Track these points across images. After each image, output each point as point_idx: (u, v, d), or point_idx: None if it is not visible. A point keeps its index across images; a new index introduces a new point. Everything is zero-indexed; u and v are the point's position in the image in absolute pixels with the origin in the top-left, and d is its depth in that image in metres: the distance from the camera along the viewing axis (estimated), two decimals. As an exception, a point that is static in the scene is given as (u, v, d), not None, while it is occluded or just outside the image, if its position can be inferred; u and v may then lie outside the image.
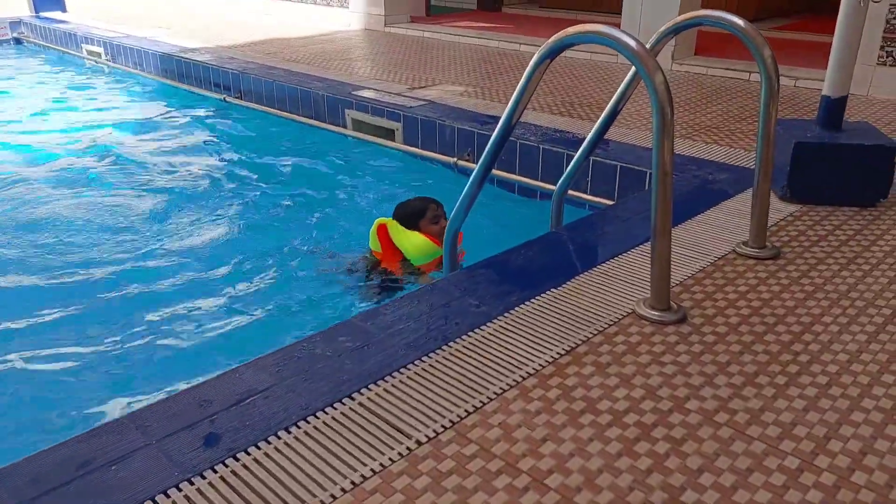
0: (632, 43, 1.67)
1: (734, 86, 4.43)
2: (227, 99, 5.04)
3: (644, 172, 3.02)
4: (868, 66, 4.07)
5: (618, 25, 4.98)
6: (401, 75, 4.91)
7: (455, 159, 3.71)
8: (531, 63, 1.91)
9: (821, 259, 2.12)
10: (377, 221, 2.81)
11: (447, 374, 1.57)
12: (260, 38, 6.45)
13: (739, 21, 2.00)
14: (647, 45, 2.19)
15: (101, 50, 6.43)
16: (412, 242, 2.80)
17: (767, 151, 2.05)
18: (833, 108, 2.53)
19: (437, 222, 2.86)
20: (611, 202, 3.08)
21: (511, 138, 3.38)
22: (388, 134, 4.09)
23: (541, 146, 3.37)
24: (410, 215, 2.85)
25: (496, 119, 3.64)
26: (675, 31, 2.13)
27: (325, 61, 5.39)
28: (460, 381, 1.55)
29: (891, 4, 3.91)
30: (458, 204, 2.25)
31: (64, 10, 7.86)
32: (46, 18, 7.58)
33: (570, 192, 3.21)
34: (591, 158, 3.10)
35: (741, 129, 3.53)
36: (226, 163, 4.25)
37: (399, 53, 5.79)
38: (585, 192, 3.25)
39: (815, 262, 2.10)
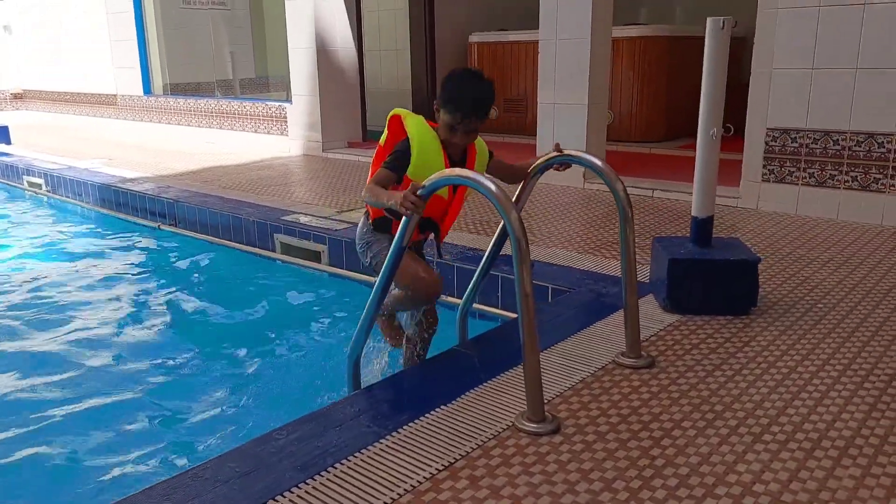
0: (492, 187, 1.89)
1: (638, 202, 4.78)
2: (162, 227, 5.20)
3: (546, 287, 3.23)
4: (755, 182, 4.47)
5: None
6: (332, 199, 5.16)
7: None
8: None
9: (690, 367, 2.30)
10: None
11: (329, 497, 1.66)
12: (199, 167, 6.70)
13: (596, 160, 2.28)
14: (518, 189, 2.47)
15: (41, 181, 6.59)
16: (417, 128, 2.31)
17: (630, 269, 2.27)
18: (702, 227, 2.80)
19: (465, 131, 2.28)
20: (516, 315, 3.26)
21: (427, 257, 3.59)
22: (315, 256, 4.27)
23: (455, 265, 3.58)
24: (445, 89, 2.30)
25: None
26: (541, 171, 2.39)
27: (260, 187, 5.63)
28: (340, 503, 1.64)
29: (768, 129, 4.36)
30: (358, 326, 2.40)
31: (9, 142, 8.06)
32: (-11, 151, 7.76)
33: (483, 306, 3.42)
34: (500, 275, 3.31)
35: (638, 244, 3.82)
36: (158, 290, 4.34)
37: (333, 178, 6.08)
38: (496, 307, 3.43)
39: (684, 370, 2.28)
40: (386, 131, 2.41)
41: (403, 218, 2.11)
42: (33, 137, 8.82)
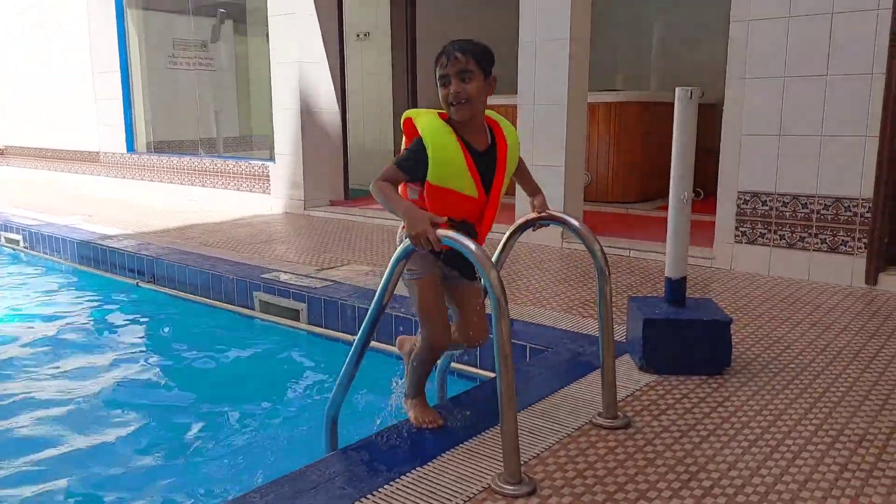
0: (472, 246, 1.93)
1: (615, 262, 4.85)
2: (140, 284, 5.18)
3: (524, 346, 3.25)
4: (728, 243, 4.58)
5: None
6: (312, 257, 5.19)
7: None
8: (392, 259, 2.17)
9: (665, 427, 2.32)
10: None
11: (301, 559, 1.64)
12: (181, 224, 6.72)
13: (574, 221, 2.34)
14: (498, 249, 2.53)
15: (19, 237, 6.55)
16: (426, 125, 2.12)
17: (607, 330, 2.31)
18: (676, 288, 2.86)
19: (444, 84, 2.10)
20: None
21: (406, 316, 3.60)
22: (294, 314, 4.27)
23: (433, 324, 3.60)
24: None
25: (401, 298, 3.89)
26: (521, 230, 2.46)
27: (240, 245, 5.65)
28: (312, 566, 1.61)
29: (739, 192, 4.49)
30: (337, 382, 2.40)
31: (-12, 198, 8.03)
32: (-32, 207, 7.72)
33: (461, 365, 3.42)
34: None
35: (615, 303, 3.87)
36: (135, 348, 4.31)
37: (314, 236, 6.12)
38: (475, 367, 3.44)
39: (660, 430, 2.29)
40: (403, 137, 2.23)
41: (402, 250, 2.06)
42: (13, 193, 8.80)
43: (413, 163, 2.09)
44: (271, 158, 7.70)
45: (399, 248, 2.15)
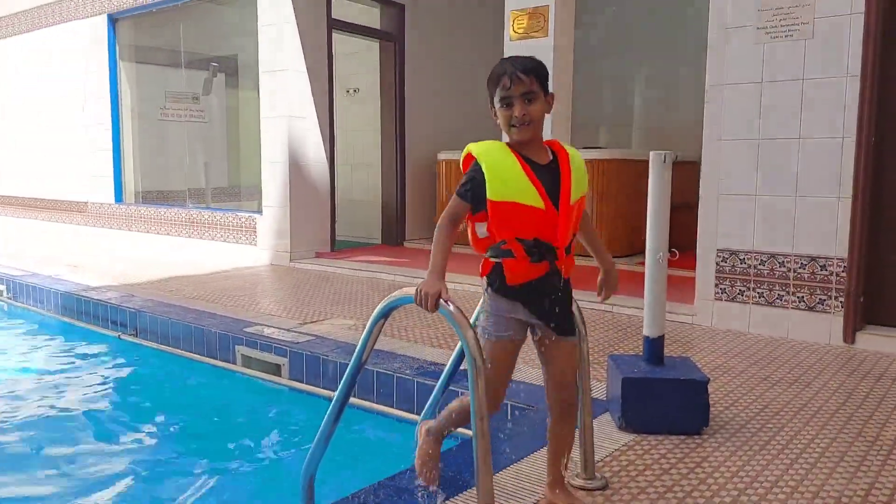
0: (450, 308, 1.96)
1: (598, 317, 4.89)
2: (122, 336, 5.15)
3: (505, 404, 3.25)
4: (708, 300, 4.63)
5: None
6: (296, 310, 5.19)
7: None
8: (372, 316, 2.20)
9: (643, 488, 2.32)
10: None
11: None
12: (166, 276, 6.71)
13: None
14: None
15: (2, 287, 6.52)
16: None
17: (586, 390, 2.33)
18: (654, 346, 2.89)
19: (507, 106, 2.02)
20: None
21: (387, 371, 3.61)
22: (276, 369, 4.25)
23: (415, 379, 3.60)
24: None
25: (383, 354, 3.90)
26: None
27: (224, 298, 5.65)
28: None
29: (718, 250, 4.57)
30: (315, 439, 2.39)
31: (-28, 247, 8.02)
32: (-48, 256, 7.69)
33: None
34: (460, 390, 3.33)
35: (598, 360, 3.89)
36: (114, 402, 4.27)
37: (299, 288, 6.13)
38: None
39: (637, 492, 2.30)
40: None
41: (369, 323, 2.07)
42: (1, 242, 8.80)
43: (471, 185, 1.99)
44: (259, 210, 7.76)
45: (380, 305, 2.17)
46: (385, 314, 2.17)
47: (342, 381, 2.32)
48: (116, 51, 9.48)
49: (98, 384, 4.55)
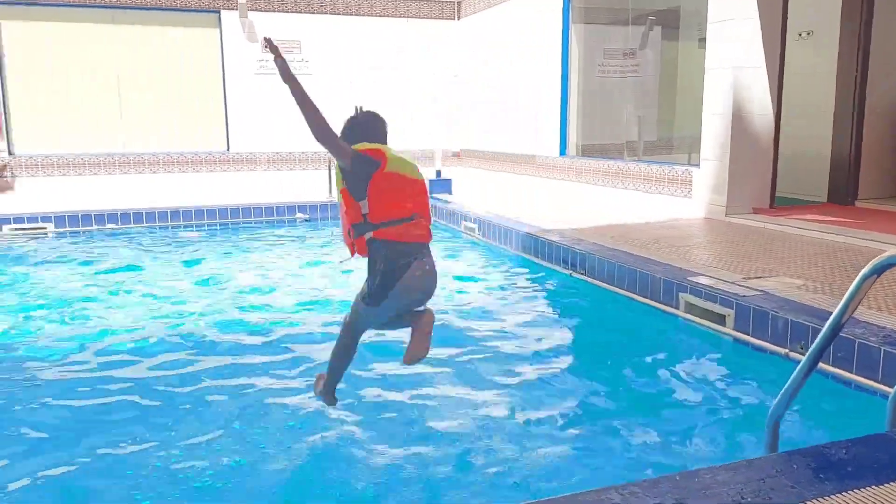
0: None
1: None
2: (573, 274, 5.80)
3: None
4: None
5: None
6: (735, 264, 5.17)
7: (786, 350, 3.83)
8: (857, 278, 2.17)
9: None
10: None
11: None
12: (605, 223, 7.26)
13: None
14: None
15: (475, 226, 7.85)
16: None
17: None
18: None
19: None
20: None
21: (850, 336, 3.46)
22: (719, 319, 4.36)
23: (882, 347, 3.36)
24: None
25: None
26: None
27: (662, 247, 5.90)
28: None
29: None
30: (783, 390, 2.47)
31: (450, 192, 9.75)
32: (436, 199, 9.48)
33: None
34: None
35: None
36: (561, 331, 4.90)
37: (736, 243, 6.05)
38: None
39: None
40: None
41: None
42: (468, 190, 10.49)
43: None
44: (693, 163, 7.78)
45: (869, 265, 2.12)
46: (875, 273, 2.12)
47: (818, 337, 2.33)
48: (570, 14, 10.31)
49: (548, 313, 5.26)
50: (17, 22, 11.68)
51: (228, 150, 12.77)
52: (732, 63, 7.06)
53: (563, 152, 10.40)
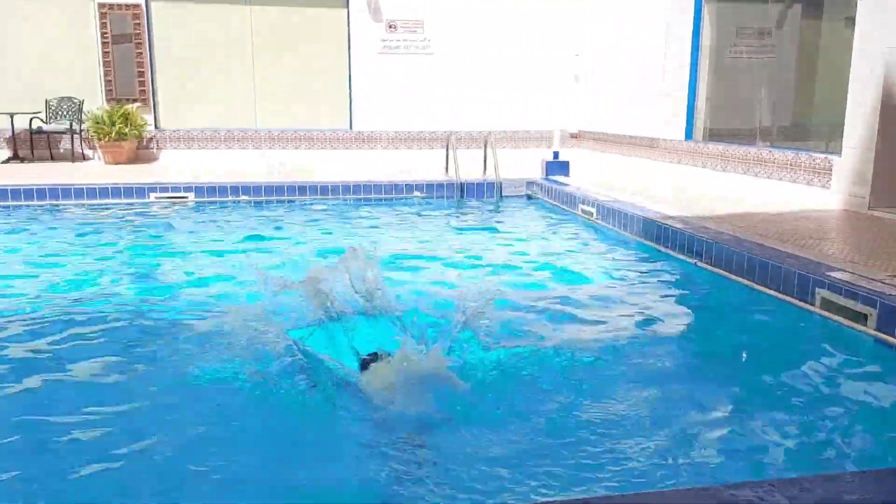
0: None
1: None
2: (699, 263, 5.61)
3: None
4: None
5: None
6: (881, 261, 4.83)
7: (937, 356, 3.56)
8: None
9: None
10: None
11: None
12: (733, 211, 6.95)
13: None
14: None
15: (593, 210, 7.72)
16: None
17: None
18: None
19: None
20: None
21: None
22: (860, 318, 4.10)
23: None
24: None
25: None
26: None
27: (796, 238, 5.58)
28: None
29: None
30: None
31: (568, 174, 9.63)
32: (553, 181, 9.39)
33: None
34: None
35: None
36: (678, 325, 4.67)
37: (881, 238, 5.64)
38: None
39: None
40: None
41: None
42: (584, 172, 10.31)
43: None
44: (832, 151, 7.29)
45: None
46: None
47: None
48: (703, -7, 9.88)
49: (669, 306, 5.07)
50: (162, 2, 12.52)
51: (351, 128, 13.17)
52: (886, 43, 6.53)
53: (689, 136, 10.01)
